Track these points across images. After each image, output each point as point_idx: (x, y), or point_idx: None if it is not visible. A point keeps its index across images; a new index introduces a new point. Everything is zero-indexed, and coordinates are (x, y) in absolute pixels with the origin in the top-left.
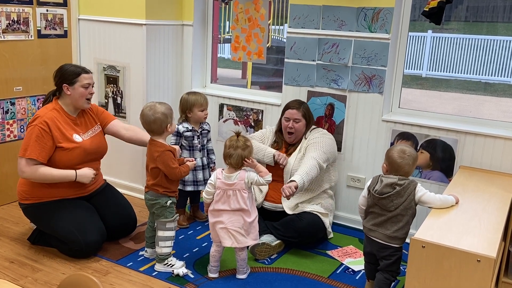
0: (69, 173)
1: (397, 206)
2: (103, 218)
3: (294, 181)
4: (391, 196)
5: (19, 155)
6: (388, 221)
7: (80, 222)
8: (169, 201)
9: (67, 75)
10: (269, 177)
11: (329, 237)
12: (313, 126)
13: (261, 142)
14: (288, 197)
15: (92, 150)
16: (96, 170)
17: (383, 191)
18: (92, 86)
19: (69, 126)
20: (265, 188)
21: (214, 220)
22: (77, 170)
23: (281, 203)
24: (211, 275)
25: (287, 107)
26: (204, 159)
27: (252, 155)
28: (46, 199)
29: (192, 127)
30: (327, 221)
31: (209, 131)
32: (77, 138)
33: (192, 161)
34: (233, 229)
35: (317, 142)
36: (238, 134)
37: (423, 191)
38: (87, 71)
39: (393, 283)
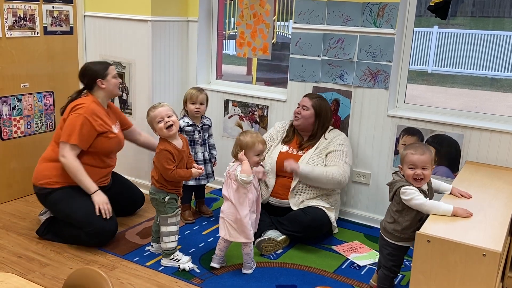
0: (90, 186)
1: (389, 199)
2: (112, 199)
3: (298, 166)
4: (388, 186)
5: (63, 140)
6: (387, 211)
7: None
8: (167, 197)
9: (98, 71)
10: (245, 177)
11: (334, 232)
12: (331, 127)
13: (269, 145)
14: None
15: (122, 142)
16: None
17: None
18: (117, 74)
19: (107, 118)
20: (271, 183)
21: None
22: (97, 192)
23: (287, 199)
24: (212, 263)
25: (305, 95)
26: (206, 153)
27: (242, 150)
28: (68, 184)
29: (193, 122)
30: (333, 216)
31: (210, 126)
32: (114, 129)
33: (200, 169)
34: (228, 221)
35: (344, 152)
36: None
37: (409, 195)
38: (111, 64)
39: (396, 279)
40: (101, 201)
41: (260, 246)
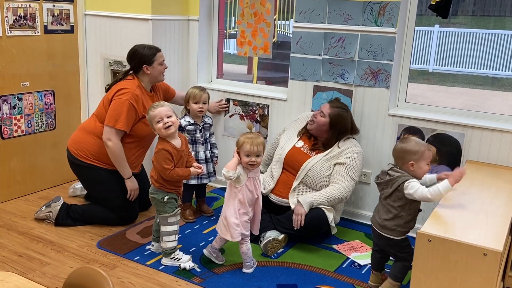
0: (127, 171)
1: (386, 195)
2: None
3: (301, 205)
4: (382, 184)
5: (109, 124)
6: (382, 209)
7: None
8: (166, 197)
9: (146, 57)
10: (225, 171)
11: (332, 233)
12: (349, 136)
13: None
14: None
15: None
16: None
17: (379, 177)
18: (164, 61)
19: (148, 104)
20: (277, 174)
21: None
22: (131, 178)
23: (287, 198)
24: (204, 249)
25: (329, 101)
26: (208, 152)
27: (240, 150)
28: (107, 166)
29: (194, 121)
30: (331, 216)
31: (211, 125)
32: None
33: (200, 168)
34: (222, 216)
35: (354, 167)
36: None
37: (414, 188)
38: (159, 49)
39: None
40: (134, 187)
41: (266, 248)
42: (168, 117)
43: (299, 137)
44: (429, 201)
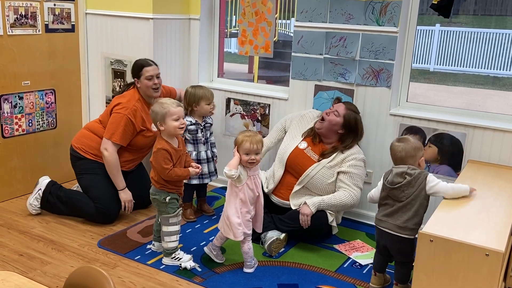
0: (121, 183)
1: (408, 196)
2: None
3: (308, 206)
4: (402, 187)
5: (106, 136)
6: (399, 211)
7: (115, 193)
8: (168, 197)
9: (134, 70)
10: (227, 170)
11: (334, 233)
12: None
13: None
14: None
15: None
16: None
17: (394, 181)
18: (157, 77)
19: (148, 116)
20: (278, 174)
21: None
22: (124, 189)
23: (288, 200)
24: (205, 247)
25: (341, 101)
26: (209, 152)
27: (239, 149)
28: (101, 160)
29: (196, 121)
30: (331, 217)
31: (211, 124)
32: (153, 127)
33: (198, 168)
34: (224, 215)
35: (357, 175)
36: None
37: (435, 181)
38: (150, 64)
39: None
40: (127, 198)
41: (270, 248)
42: (183, 119)
43: (303, 137)
44: (447, 195)
